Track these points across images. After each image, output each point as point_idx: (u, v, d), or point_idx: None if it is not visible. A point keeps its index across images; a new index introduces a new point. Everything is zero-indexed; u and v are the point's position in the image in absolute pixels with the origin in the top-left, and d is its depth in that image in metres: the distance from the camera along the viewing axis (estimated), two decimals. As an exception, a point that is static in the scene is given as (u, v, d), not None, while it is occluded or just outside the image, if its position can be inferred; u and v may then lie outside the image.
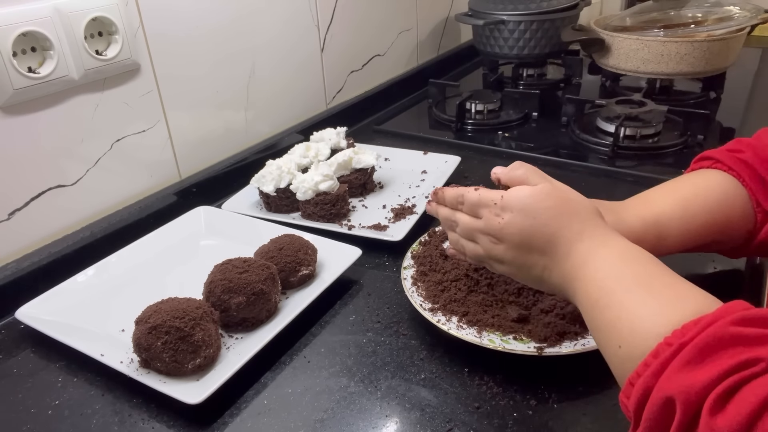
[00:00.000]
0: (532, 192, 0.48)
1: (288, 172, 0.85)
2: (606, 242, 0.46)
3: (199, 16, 0.88)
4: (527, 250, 0.48)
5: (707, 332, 0.32)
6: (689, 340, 0.33)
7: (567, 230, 0.46)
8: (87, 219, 0.79)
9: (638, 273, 0.42)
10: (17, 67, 0.67)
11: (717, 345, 0.32)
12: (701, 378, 0.31)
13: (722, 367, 0.30)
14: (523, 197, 0.48)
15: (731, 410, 0.29)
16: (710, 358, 0.31)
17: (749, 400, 0.29)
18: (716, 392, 0.30)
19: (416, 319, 0.63)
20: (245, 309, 0.61)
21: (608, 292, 0.42)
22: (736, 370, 0.30)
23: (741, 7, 1.24)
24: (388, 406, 0.54)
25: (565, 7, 1.31)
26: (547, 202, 0.47)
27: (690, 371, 0.31)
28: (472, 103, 1.20)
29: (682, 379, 0.32)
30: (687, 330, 0.34)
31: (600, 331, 0.42)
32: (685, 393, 0.31)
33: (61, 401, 0.56)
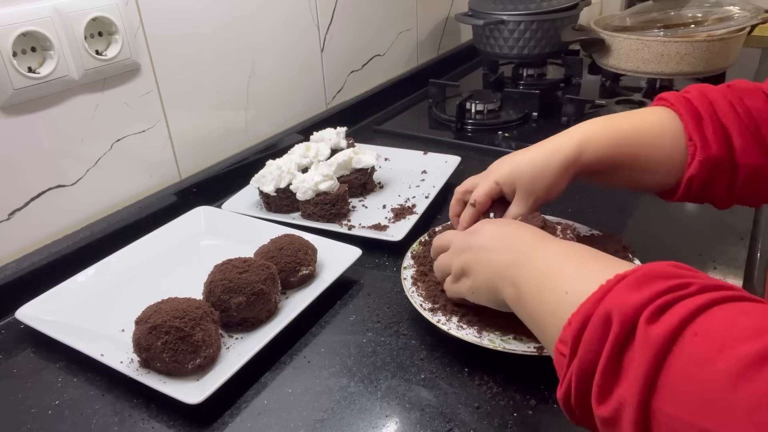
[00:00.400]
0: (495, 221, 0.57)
1: (288, 172, 0.85)
2: (555, 240, 0.50)
3: (199, 16, 0.88)
4: (495, 236, 0.53)
5: (647, 267, 0.36)
6: (629, 274, 0.36)
7: (530, 236, 0.51)
8: (87, 219, 0.79)
9: (584, 250, 0.46)
10: (17, 67, 0.67)
11: (654, 275, 0.35)
12: (639, 297, 0.33)
13: (658, 288, 0.33)
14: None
15: (664, 320, 0.32)
16: (648, 284, 0.34)
17: (679, 312, 0.32)
18: (651, 307, 0.33)
19: (416, 319, 0.63)
20: (245, 309, 0.61)
21: (558, 260, 0.45)
22: (670, 291, 0.33)
23: (741, 7, 1.24)
24: (388, 406, 0.54)
25: (565, 7, 1.31)
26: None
27: (629, 293, 0.34)
28: (472, 103, 1.20)
29: (622, 298, 0.34)
30: (628, 272, 0.36)
31: (543, 292, 0.44)
32: (622, 307, 0.33)
33: (61, 401, 0.56)
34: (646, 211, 0.83)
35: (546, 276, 0.44)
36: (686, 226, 0.80)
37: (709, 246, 0.74)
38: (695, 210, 0.83)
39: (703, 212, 0.82)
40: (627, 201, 0.85)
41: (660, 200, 0.63)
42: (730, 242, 0.75)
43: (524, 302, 0.46)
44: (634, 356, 0.32)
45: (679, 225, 0.81)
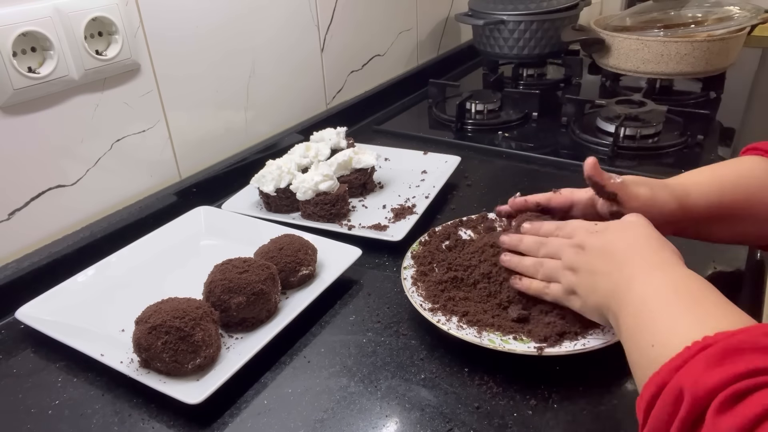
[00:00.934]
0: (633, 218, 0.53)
1: (288, 172, 0.85)
2: (663, 267, 0.47)
3: (199, 16, 0.88)
4: (603, 258, 0.51)
5: (736, 337, 0.32)
6: (716, 342, 0.33)
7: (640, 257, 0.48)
8: (87, 219, 0.79)
9: (686, 289, 0.43)
10: (17, 67, 0.67)
11: (741, 350, 0.31)
12: (716, 377, 0.30)
13: (739, 369, 0.30)
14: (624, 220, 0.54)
15: (738, 412, 0.29)
16: (730, 360, 0.31)
17: (756, 404, 0.28)
18: (726, 393, 0.30)
19: (416, 319, 0.63)
20: (245, 309, 0.61)
21: (653, 302, 0.43)
22: (752, 375, 0.30)
23: (741, 7, 1.24)
24: (388, 406, 0.54)
25: (565, 7, 1.31)
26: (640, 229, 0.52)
27: (708, 369, 0.31)
28: (472, 103, 1.20)
29: (698, 375, 0.31)
30: (718, 336, 0.33)
31: (635, 333, 0.42)
32: (696, 387, 0.31)
33: (61, 401, 0.56)
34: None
35: (640, 320, 0.43)
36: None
37: (709, 246, 0.74)
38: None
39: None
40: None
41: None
42: (730, 242, 0.74)
43: (622, 336, 0.46)
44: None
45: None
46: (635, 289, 0.45)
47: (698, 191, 0.58)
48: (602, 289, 0.49)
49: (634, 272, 0.47)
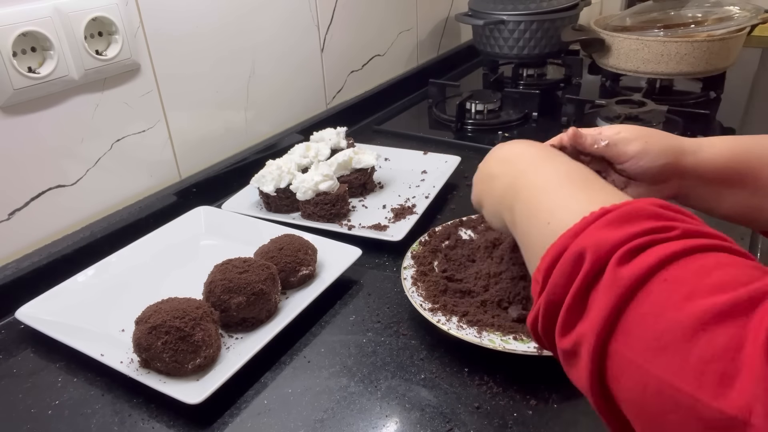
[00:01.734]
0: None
1: (288, 172, 0.85)
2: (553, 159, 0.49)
3: (199, 16, 0.88)
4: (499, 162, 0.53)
5: (633, 204, 0.34)
6: (613, 209, 0.34)
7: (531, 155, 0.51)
8: (87, 219, 0.79)
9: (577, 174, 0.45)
10: (17, 67, 0.67)
11: (637, 215, 0.33)
12: (616, 236, 0.32)
13: (636, 229, 0.32)
14: None
15: (635, 263, 0.31)
16: (628, 223, 0.33)
17: (653, 256, 0.31)
18: (625, 248, 0.32)
19: (416, 319, 0.63)
20: (245, 309, 0.61)
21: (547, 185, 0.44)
22: (648, 234, 0.32)
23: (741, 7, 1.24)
24: (388, 406, 0.54)
25: (565, 7, 1.31)
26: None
27: (608, 231, 0.33)
28: (472, 103, 1.20)
29: (598, 236, 0.33)
30: (613, 207, 0.35)
31: (530, 218, 0.43)
32: (597, 246, 0.33)
33: (61, 401, 0.56)
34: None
35: (534, 203, 0.44)
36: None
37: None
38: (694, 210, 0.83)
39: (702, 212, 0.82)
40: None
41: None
42: (730, 242, 0.74)
43: (516, 228, 0.46)
44: (599, 296, 0.31)
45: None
46: (528, 177, 0.47)
47: (709, 146, 0.54)
48: (498, 188, 0.51)
49: (526, 167, 0.48)
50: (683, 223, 0.33)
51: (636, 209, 0.34)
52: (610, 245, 0.32)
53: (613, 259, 0.32)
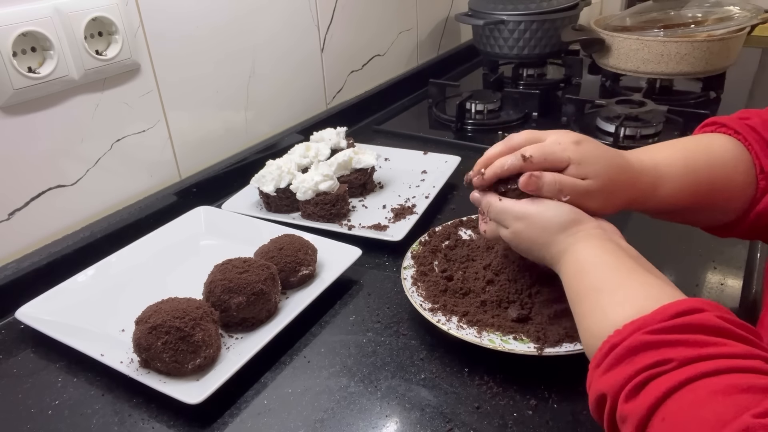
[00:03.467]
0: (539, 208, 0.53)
1: (288, 172, 0.85)
2: (595, 239, 0.50)
3: (199, 16, 0.88)
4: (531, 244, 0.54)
5: (630, 339, 0.38)
6: (620, 341, 0.38)
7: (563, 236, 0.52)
8: (87, 219, 0.79)
9: (612, 262, 0.47)
10: (17, 67, 0.67)
11: (635, 349, 0.37)
12: (622, 375, 0.37)
13: (638, 365, 0.36)
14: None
15: (640, 398, 0.35)
16: (629, 359, 0.37)
17: (655, 391, 0.34)
18: (630, 385, 0.36)
19: (416, 319, 0.63)
20: (245, 309, 0.61)
21: (587, 269, 0.47)
22: (649, 368, 0.35)
23: (741, 7, 1.24)
24: (388, 406, 0.54)
25: (565, 7, 1.31)
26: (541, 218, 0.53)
27: (615, 371, 0.38)
28: (472, 103, 1.20)
29: (608, 377, 0.38)
30: (623, 330, 0.39)
31: (577, 310, 0.48)
32: (611, 387, 0.37)
33: (61, 401, 0.56)
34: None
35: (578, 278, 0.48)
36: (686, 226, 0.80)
37: (709, 246, 0.74)
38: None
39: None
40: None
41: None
42: (730, 242, 0.74)
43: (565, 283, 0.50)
44: (622, 430, 0.36)
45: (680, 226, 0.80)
46: (569, 258, 0.50)
47: (669, 183, 0.55)
48: (533, 252, 0.54)
49: (554, 257, 0.52)
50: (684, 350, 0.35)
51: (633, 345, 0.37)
52: (619, 385, 0.37)
53: (621, 397, 0.36)
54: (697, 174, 0.55)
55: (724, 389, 0.32)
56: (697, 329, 0.36)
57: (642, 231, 0.79)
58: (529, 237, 0.53)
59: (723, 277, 0.69)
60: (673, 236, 0.78)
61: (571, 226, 0.51)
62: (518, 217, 0.53)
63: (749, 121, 0.56)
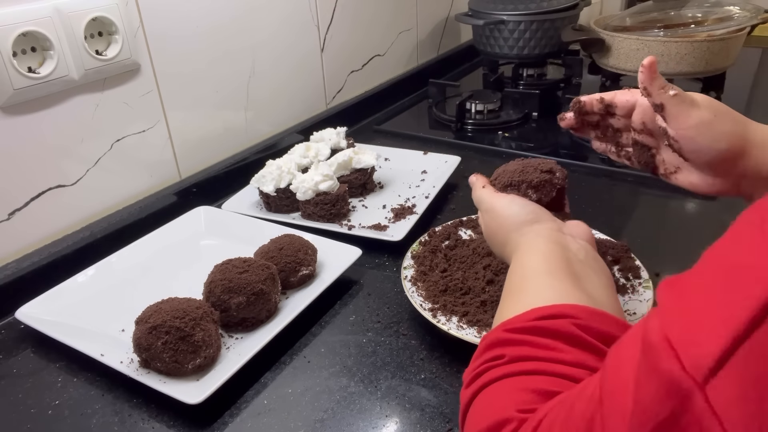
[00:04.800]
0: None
1: (288, 172, 0.85)
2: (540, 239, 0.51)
3: (199, 16, 0.88)
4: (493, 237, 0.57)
5: (493, 335, 0.41)
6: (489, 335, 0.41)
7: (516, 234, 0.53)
8: (87, 219, 0.79)
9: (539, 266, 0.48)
10: (17, 67, 0.67)
11: (491, 345, 0.40)
12: (472, 365, 0.40)
13: (483, 358, 0.39)
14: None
15: (470, 387, 0.39)
16: (485, 352, 0.40)
17: (480, 381, 0.38)
18: (471, 375, 0.39)
19: (416, 319, 0.63)
20: (245, 309, 0.61)
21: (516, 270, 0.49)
22: (488, 362, 0.39)
23: (741, 7, 1.24)
24: (388, 406, 0.54)
25: (565, 7, 1.31)
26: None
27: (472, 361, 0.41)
28: (472, 103, 1.20)
29: (468, 367, 0.41)
30: (495, 329, 0.41)
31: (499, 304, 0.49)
32: (465, 376, 0.41)
33: (61, 401, 0.56)
34: (646, 211, 0.83)
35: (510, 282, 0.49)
36: (686, 226, 0.80)
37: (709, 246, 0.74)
38: (695, 210, 0.83)
39: (703, 212, 0.82)
40: (627, 201, 0.85)
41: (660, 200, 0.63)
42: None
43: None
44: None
45: (679, 225, 0.81)
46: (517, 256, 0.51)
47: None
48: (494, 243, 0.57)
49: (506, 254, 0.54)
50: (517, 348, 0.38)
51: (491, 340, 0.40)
52: (467, 374, 0.40)
53: (464, 386, 0.40)
54: None
55: (521, 387, 0.35)
56: (547, 333, 0.38)
57: (642, 232, 0.79)
58: (492, 231, 0.56)
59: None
60: (673, 236, 0.78)
61: (525, 225, 0.53)
62: (486, 209, 0.57)
63: None
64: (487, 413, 0.36)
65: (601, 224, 0.72)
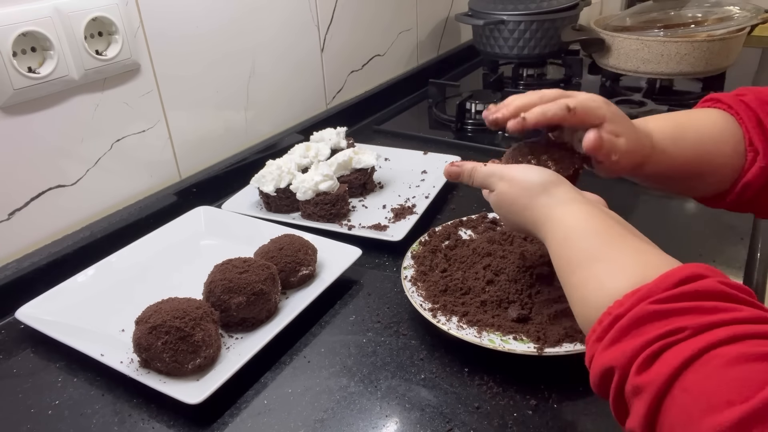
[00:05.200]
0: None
1: (288, 172, 0.85)
2: (577, 202, 0.50)
3: (199, 17, 0.88)
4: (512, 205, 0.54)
5: (636, 310, 0.36)
6: (624, 312, 0.36)
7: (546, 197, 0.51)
8: (87, 219, 0.79)
9: (600, 228, 0.46)
10: (17, 67, 0.67)
11: (642, 320, 0.35)
12: (631, 346, 0.35)
13: (648, 336, 0.34)
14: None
15: (654, 369, 0.33)
16: (637, 330, 0.35)
17: (670, 360, 0.33)
18: (642, 356, 0.34)
19: (416, 319, 0.63)
20: (245, 309, 0.61)
21: (575, 235, 0.46)
22: (662, 338, 0.34)
23: (741, 7, 1.24)
24: (388, 406, 0.54)
25: (565, 7, 1.31)
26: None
27: (622, 343, 0.36)
28: (472, 103, 1.20)
29: (615, 349, 0.36)
30: (625, 301, 0.37)
31: (568, 280, 0.46)
32: (618, 360, 0.35)
33: (61, 401, 0.56)
34: (646, 211, 0.83)
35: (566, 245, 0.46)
36: (686, 226, 0.80)
37: (709, 246, 0.74)
38: (695, 210, 0.83)
39: (703, 212, 0.82)
40: (627, 201, 0.85)
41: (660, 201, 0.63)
42: (730, 242, 0.74)
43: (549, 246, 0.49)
44: (635, 402, 0.34)
45: (679, 225, 0.81)
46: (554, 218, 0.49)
47: (662, 142, 0.56)
48: (517, 222, 0.54)
49: (533, 229, 0.52)
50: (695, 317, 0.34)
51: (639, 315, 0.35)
52: (628, 357, 0.35)
53: (633, 369, 0.34)
54: (686, 142, 0.57)
55: (744, 356, 0.31)
56: (703, 296, 0.35)
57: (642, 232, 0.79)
58: (512, 197, 0.53)
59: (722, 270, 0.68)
60: (673, 236, 0.78)
61: (552, 187, 0.51)
62: (502, 177, 0.54)
63: (744, 97, 0.58)
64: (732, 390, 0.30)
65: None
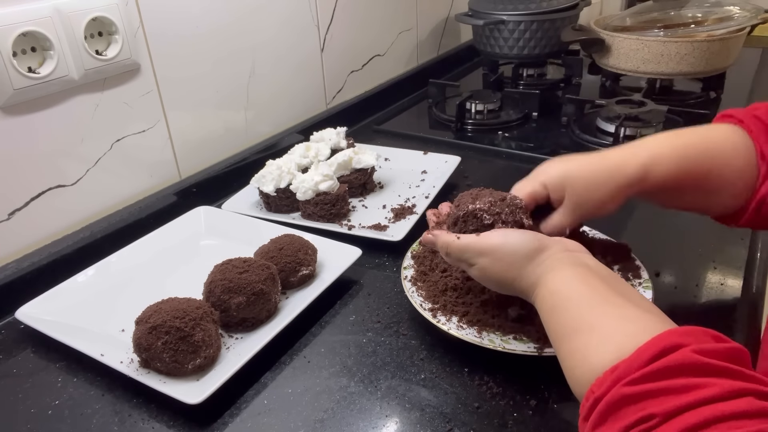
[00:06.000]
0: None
1: (288, 172, 0.85)
2: (564, 265, 0.49)
3: (199, 17, 0.88)
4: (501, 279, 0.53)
5: (611, 393, 0.36)
6: (602, 395, 0.37)
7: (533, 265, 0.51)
8: (87, 219, 0.79)
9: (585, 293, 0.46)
10: (17, 67, 0.67)
11: (617, 404, 0.35)
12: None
13: (623, 423, 0.34)
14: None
15: None
16: (613, 417, 0.35)
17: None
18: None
19: (416, 319, 0.63)
20: (245, 309, 0.61)
21: (562, 304, 0.46)
22: (635, 425, 0.34)
23: (741, 7, 1.24)
24: (388, 406, 0.54)
25: (565, 7, 1.31)
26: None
27: (602, 428, 0.36)
28: (472, 103, 1.20)
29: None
30: (604, 380, 0.37)
31: (558, 350, 0.46)
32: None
33: (61, 401, 0.56)
34: (646, 211, 0.83)
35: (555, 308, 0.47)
36: (686, 226, 0.80)
37: (709, 246, 0.74)
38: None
39: (703, 212, 0.82)
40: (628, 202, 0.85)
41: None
42: (730, 242, 0.74)
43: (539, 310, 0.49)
44: None
45: (679, 225, 0.80)
46: (546, 283, 0.49)
47: (657, 167, 0.55)
48: (515, 288, 0.53)
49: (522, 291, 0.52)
50: (664, 402, 0.33)
51: (613, 401, 0.36)
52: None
53: None
54: (691, 156, 0.55)
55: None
56: (675, 372, 0.35)
57: (643, 232, 0.79)
58: (497, 272, 0.52)
59: (723, 276, 0.69)
60: (673, 237, 0.78)
61: (537, 254, 0.50)
62: (482, 252, 0.52)
63: (756, 111, 0.57)
64: None
65: (601, 224, 0.72)
